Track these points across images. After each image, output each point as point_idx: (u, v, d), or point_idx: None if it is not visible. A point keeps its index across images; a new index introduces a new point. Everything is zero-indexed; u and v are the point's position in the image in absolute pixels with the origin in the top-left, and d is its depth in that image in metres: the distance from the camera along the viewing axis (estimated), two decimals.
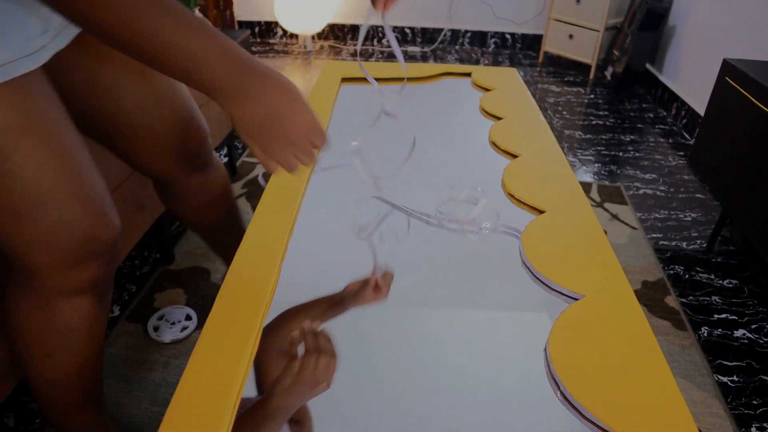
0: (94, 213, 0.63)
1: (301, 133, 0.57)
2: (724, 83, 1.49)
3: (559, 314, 0.66)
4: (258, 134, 0.56)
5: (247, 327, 0.63)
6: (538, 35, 3.42)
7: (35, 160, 0.56)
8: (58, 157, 0.58)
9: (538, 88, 2.90)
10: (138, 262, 1.49)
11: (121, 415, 1.07)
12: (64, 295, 0.65)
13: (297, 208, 0.87)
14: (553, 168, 0.99)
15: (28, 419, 1.06)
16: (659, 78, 2.78)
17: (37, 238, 0.59)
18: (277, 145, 0.57)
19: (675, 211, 1.86)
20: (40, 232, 0.59)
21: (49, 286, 0.64)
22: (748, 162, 1.37)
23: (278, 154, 0.57)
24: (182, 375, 0.57)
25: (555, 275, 0.70)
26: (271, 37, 3.54)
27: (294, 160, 0.59)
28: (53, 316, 0.67)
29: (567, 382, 0.57)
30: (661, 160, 2.20)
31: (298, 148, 0.58)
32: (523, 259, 0.71)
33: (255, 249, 0.76)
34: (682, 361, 1.25)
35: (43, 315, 0.67)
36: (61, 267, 0.62)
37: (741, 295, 1.47)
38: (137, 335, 1.25)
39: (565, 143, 2.31)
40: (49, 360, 0.71)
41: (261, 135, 0.56)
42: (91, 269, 0.65)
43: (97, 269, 0.66)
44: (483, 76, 1.41)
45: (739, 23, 2.14)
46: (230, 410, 0.54)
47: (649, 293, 1.46)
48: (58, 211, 0.59)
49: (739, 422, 1.12)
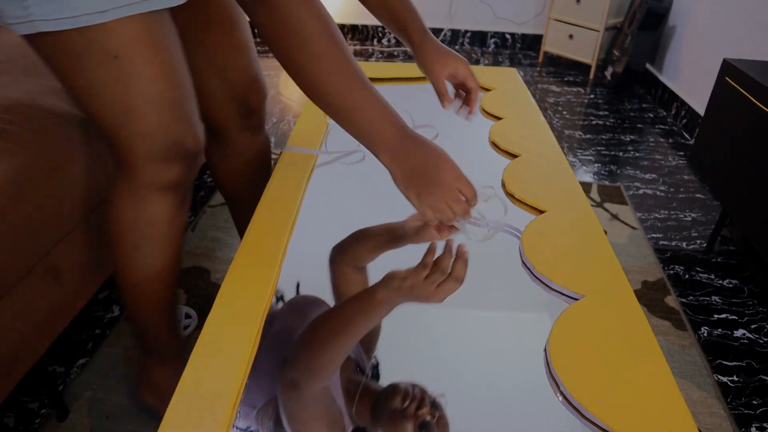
0: (185, 123, 0.76)
1: (449, 183, 0.69)
2: (724, 83, 1.49)
3: (559, 314, 0.65)
4: (413, 185, 0.69)
5: (247, 327, 0.63)
6: (538, 35, 3.42)
7: (151, 69, 0.69)
8: (167, 73, 0.71)
9: (538, 88, 2.90)
10: None
11: (121, 415, 1.07)
12: (152, 190, 0.79)
13: (297, 208, 0.87)
14: (553, 168, 0.99)
15: (28, 419, 1.06)
16: (659, 78, 2.78)
17: (139, 132, 0.73)
18: (429, 193, 0.69)
19: (675, 211, 1.86)
20: (142, 128, 0.72)
21: (141, 179, 0.78)
22: (748, 162, 1.37)
23: (432, 202, 0.70)
24: (182, 375, 0.57)
25: (555, 275, 0.70)
26: None
27: (446, 208, 0.70)
28: (142, 208, 0.80)
29: (567, 382, 0.57)
30: (661, 160, 2.20)
31: (449, 195, 0.70)
32: (523, 259, 0.71)
33: (255, 249, 0.76)
34: (682, 361, 1.25)
35: (134, 207, 0.80)
36: (154, 162, 0.76)
37: (741, 295, 1.47)
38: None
39: (565, 143, 2.31)
40: (135, 252, 0.84)
41: (416, 186, 0.69)
42: (176, 170, 0.79)
43: (180, 172, 0.79)
44: (483, 76, 1.41)
45: (739, 23, 2.14)
46: (230, 410, 0.54)
47: (649, 293, 1.46)
48: (158, 115, 0.72)
49: (739, 422, 1.12)
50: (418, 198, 0.70)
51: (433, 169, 0.69)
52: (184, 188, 0.84)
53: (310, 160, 1.00)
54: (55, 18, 0.62)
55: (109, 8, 0.63)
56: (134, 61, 0.68)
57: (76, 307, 1.07)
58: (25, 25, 0.63)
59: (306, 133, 1.09)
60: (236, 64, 0.99)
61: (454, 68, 0.90)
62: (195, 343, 0.61)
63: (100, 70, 0.67)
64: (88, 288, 1.11)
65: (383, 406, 0.81)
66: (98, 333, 1.26)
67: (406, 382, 0.87)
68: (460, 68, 0.90)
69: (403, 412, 0.81)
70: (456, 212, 0.71)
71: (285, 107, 2.51)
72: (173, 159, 0.77)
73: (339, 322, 0.73)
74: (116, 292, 1.38)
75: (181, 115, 0.76)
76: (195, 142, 0.79)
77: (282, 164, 0.98)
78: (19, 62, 1.15)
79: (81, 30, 0.64)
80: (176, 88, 0.74)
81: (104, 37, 0.65)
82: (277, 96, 2.64)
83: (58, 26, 0.63)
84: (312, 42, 0.60)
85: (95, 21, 0.63)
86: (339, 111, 0.65)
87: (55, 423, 1.05)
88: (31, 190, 0.91)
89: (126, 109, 0.71)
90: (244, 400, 0.80)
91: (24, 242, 0.91)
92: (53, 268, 0.99)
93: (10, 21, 0.63)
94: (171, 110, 0.74)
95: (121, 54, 0.67)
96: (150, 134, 0.74)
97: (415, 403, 0.82)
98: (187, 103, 0.77)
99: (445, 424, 0.84)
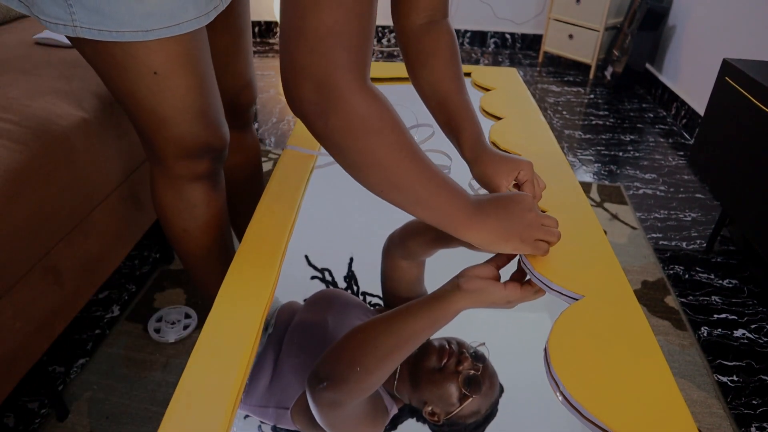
0: (212, 128, 0.85)
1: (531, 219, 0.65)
2: (724, 83, 1.49)
3: (559, 314, 0.65)
4: (500, 241, 0.65)
5: (247, 327, 0.63)
6: (538, 35, 3.42)
7: (186, 84, 0.76)
8: (200, 86, 0.78)
9: (538, 88, 2.90)
10: (138, 262, 1.49)
11: (121, 415, 1.07)
12: (185, 180, 0.88)
13: (297, 208, 0.87)
14: (552, 168, 0.99)
15: (28, 419, 1.06)
16: (659, 78, 2.78)
17: (171, 137, 0.81)
18: (519, 236, 0.65)
19: (675, 211, 1.86)
20: (175, 134, 0.80)
21: (174, 172, 0.87)
22: (747, 162, 1.37)
23: (525, 244, 0.65)
24: (182, 375, 0.57)
25: (555, 275, 0.70)
26: (271, 37, 3.54)
27: (541, 244, 0.66)
28: (181, 194, 0.89)
29: (567, 382, 0.57)
30: (661, 160, 2.20)
31: (537, 230, 0.66)
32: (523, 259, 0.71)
33: (255, 249, 0.76)
34: (682, 361, 1.25)
35: (174, 194, 0.89)
36: (184, 159, 0.85)
37: (741, 295, 1.47)
38: (137, 335, 1.25)
39: (565, 143, 2.31)
40: (185, 234, 0.94)
41: (503, 241, 0.65)
42: (205, 164, 0.88)
43: (209, 164, 0.88)
44: (483, 75, 1.41)
45: (739, 23, 2.14)
46: (230, 410, 0.54)
47: (649, 293, 1.46)
48: (189, 123, 0.80)
49: (738, 422, 1.12)
50: (513, 248, 0.66)
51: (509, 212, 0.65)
52: (215, 175, 0.92)
53: (310, 160, 1.00)
54: (98, 29, 0.65)
55: (153, 28, 0.67)
56: (171, 76, 0.74)
57: (76, 307, 1.07)
58: (68, 28, 0.66)
59: (306, 133, 1.09)
60: (235, 68, 1.02)
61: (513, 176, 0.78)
62: (195, 343, 0.61)
63: (139, 82, 0.73)
64: (88, 288, 1.11)
65: (420, 369, 0.77)
66: (98, 333, 1.26)
67: (440, 338, 0.79)
68: (520, 174, 0.77)
69: (441, 370, 0.75)
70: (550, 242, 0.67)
71: (285, 107, 2.51)
72: (201, 156, 0.86)
73: (400, 339, 0.63)
74: (116, 293, 1.38)
75: (209, 122, 0.83)
76: (221, 142, 0.88)
77: (282, 164, 0.98)
78: (19, 62, 1.15)
79: (123, 44, 0.68)
80: (206, 97, 0.81)
81: (146, 54, 0.70)
82: (277, 96, 2.64)
83: (100, 36, 0.66)
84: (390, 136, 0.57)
85: (138, 39, 0.67)
86: (417, 200, 0.60)
87: (55, 423, 1.05)
88: (31, 190, 0.91)
89: (161, 117, 0.78)
90: (269, 398, 0.79)
91: (24, 242, 0.91)
92: (53, 268, 0.99)
93: (52, 21, 0.66)
94: (201, 118, 0.81)
95: (161, 71, 0.72)
96: (181, 138, 0.81)
97: (455, 357, 0.76)
98: (215, 109, 0.84)
99: (492, 374, 0.78)
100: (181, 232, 0.94)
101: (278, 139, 2.23)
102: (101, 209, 1.11)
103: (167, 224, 0.94)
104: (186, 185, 0.89)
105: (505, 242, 0.65)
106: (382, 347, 0.62)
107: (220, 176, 0.95)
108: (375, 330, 0.64)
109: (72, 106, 1.04)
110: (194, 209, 0.92)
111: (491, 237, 0.64)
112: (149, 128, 0.80)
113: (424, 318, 0.62)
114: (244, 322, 0.64)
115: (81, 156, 1.03)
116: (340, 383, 0.63)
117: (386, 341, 0.62)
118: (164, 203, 0.92)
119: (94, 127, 1.07)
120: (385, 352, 0.62)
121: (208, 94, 0.81)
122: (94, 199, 1.08)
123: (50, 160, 0.95)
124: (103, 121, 1.10)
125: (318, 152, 1.03)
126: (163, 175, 0.88)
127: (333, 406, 0.65)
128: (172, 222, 0.93)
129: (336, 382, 0.63)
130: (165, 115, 0.78)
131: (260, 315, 0.65)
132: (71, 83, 1.09)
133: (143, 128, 0.81)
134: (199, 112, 0.81)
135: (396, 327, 0.63)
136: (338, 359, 0.65)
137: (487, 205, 0.65)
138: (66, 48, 1.24)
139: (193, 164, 0.86)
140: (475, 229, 0.63)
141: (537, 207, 0.68)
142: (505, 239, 0.65)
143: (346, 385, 0.63)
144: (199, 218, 0.93)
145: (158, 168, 0.88)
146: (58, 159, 0.97)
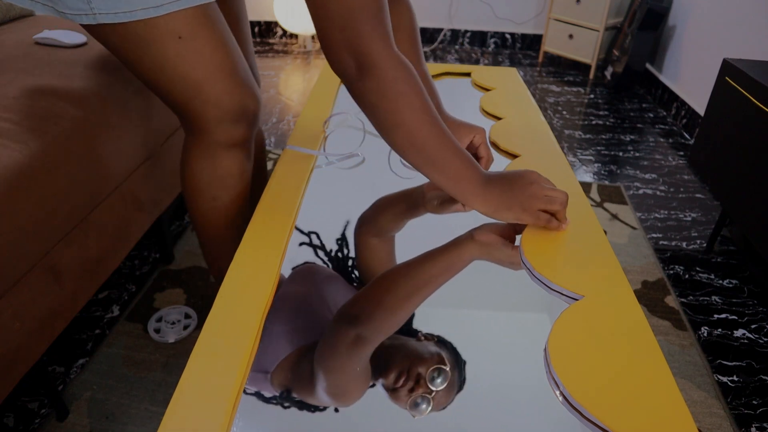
0: (245, 87, 0.88)
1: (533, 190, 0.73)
2: (724, 83, 1.49)
3: (559, 314, 0.65)
4: (503, 209, 0.73)
5: (247, 327, 0.63)
6: (538, 35, 3.42)
7: (211, 44, 0.80)
8: (223, 46, 0.82)
9: (538, 88, 2.90)
10: (138, 262, 1.49)
11: (121, 415, 1.07)
12: (223, 147, 0.91)
13: (297, 208, 0.87)
14: (553, 168, 0.99)
15: (28, 419, 1.06)
16: (659, 78, 2.78)
17: (209, 100, 0.84)
18: (520, 205, 0.73)
19: (675, 211, 1.86)
20: (212, 95, 0.84)
21: (214, 139, 0.89)
22: (747, 162, 1.37)
23: (526, 213, 0.73)
24: (182, 375, 0.57)
25: (555, 275, 0.70)
26: (270, 36, 3.54)
27: (542, 214, 0.74)
28: (216, 163, 0.92)
29: (567, 382, 0.57)
30: (661, 160, 2.20)
31: (538, 200, 0.73)
32: (523, 259, 0.71)
33: (255, 249, 0.76)
34: (682, 361, 1.25)
35: (209, 163, 0.92)
36: (224, 123, 0.87)
37: (741, 295, 1.47)
38: (137, 335, 1.25)
39: (565, 143, 2.31)
40: (213, 203, 0.96)
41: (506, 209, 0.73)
42: (242, 128, 0.90)
43: (245, 129, 0.91)
44: (483, 76, 1.41)
45: (739, 23, 2.14)
46: (230, 410, 0.54)
47: (649, 293, 1.46)
48: (223, 82, 0.84)
49: (738, 422, 1.12)
50: (516, 217, 0.74)
51: (515, 183, 0.74)
52: (249, 144, 0.96)
53: (310, 160, 1.00)
54: (114, 12, 0.71)
55: (163, 3, 0.72)
56: (196, 38, 0.78)
57: (76, 307, 1.07)
58: (89, 17, 0.71)
59: (306, 133, 1.09)
60: None
61: (470, 139, 0.93)
62: (195, 343, 0.61)
63: (167, 50, 0.77)
64: (88, 288, 1.10)
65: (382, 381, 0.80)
66: (98, 333, 1.26)
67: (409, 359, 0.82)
68: (475, 138, 0.93)
69: (395, 391, 0.79)
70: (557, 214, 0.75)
71: (285, 107, 2.51)
72: (240, 119, 0.89)
73: (420, 281, 0.75)
74: (116, 293, 1.38)
75: (240, 81, 0.86)
76: (255, 103, 0.92)
77: (282, 164, 0.98)
78: (19, 62, 1.15)
79: (144, 20, 0.73)
80: (233, 57, 0.85)
81: (166, 21, 0.75)
82: (277, 96, 2.64)
83: (116, 19, 0.71)
84: (415, 100, 0.67)
85: (150, 15, 0.72)
86: (434, 162, 0.70)
87: (55, 423, 1.05)
88: (31, 189, 0.91)
89: (195, 81, 0.81)
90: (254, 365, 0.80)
91: (24, 242, 0.91)
92: (53, 268, 0.99)
93: (76, 13, 0.71)
94: (232, 77, 0.85)
95: (185, 34, 0.77)
96: (219, 99, 0.85)
97: (411, 382, 0.77)
98: (243, 70, 0.88)
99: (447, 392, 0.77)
100: (211, 201, 0.96)
101: (278, 139, 2.23)
102: (101, 209, 1.11)
103: (197, 194, 0.96)
104: (223, 153, 0.91)
105: (507, 210, 0.73)
106: (404, 289, 0.74)
107: (252, 146, 0.98)
108: (398, 274, 0.76)
109: (72, 106, 1.04)
110: (228, 179, 0.94)
111: (495, 205, 0.73)
112: (186, 96, 0.83)
113: (440, 264, 0.76)
114: (244, 322, 0.64)
115: (81, 156, 1.03)
116: (368, 321, 0.72)
117: (407, 284, 0.75)
118: (197, 172, 0.93)
119: (94, 127, 1.07)
120: (406, 294, 0.74)
121: (233, 53, 0.85)
122: (94, 199, 1.08)
123: (50, 160, 0.95)
124: (103, 122, 1.10)
125: (318, 152, 1.03)
126: (200, 144, 0.91)
127: (356, 344, 0.70)
128: (203, 192, 0.95)
129: (364, 320, 0.72)
130: (198, 78, 0.81)
131: (260, 315, 0.65)
132: (71, 83, 1.09)
133: (179, 98, 0.84)
134: (231, 71, 0.84)
135: (415, 272, 0.76)
136: (367, 300, 0.74)
137: (495, 178, 0.74)
138: (66, 48, 1.24)
139: (232, 129, 0.89)
140: (481, 198, 0.72)
141: (545, 181, 0.75)
142: (508, 207, 0.73)
143: (372, 322, 0.72)
144: (231, 189, 0.95)
145: (196, 137, 0.90)
146: (58, 159, 0.97)
